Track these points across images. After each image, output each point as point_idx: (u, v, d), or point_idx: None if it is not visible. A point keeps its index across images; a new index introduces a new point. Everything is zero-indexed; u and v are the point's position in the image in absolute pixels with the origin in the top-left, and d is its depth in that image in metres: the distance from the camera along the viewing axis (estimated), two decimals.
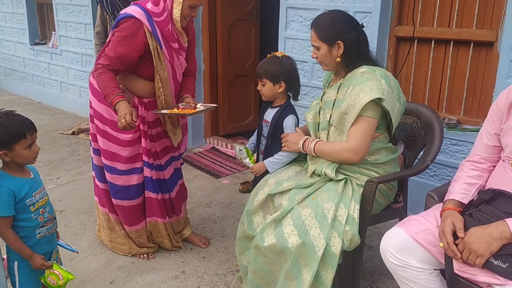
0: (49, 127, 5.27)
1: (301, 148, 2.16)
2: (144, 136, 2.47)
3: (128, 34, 2.26)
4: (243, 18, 4.61)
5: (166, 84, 2.39)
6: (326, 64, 2.11)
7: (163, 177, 2.62)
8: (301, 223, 1.93)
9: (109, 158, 2.50)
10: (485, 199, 1.63)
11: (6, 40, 6.87)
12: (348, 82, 2.05)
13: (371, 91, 1.93)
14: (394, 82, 2.07)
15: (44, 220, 1.91)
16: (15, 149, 1.80)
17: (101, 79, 2.26)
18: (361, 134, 1.98)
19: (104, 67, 2.27)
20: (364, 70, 2.02)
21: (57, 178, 3.89)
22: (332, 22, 2.05)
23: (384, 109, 2.00)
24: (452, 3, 2.88)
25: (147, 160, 2.51)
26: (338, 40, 2.02)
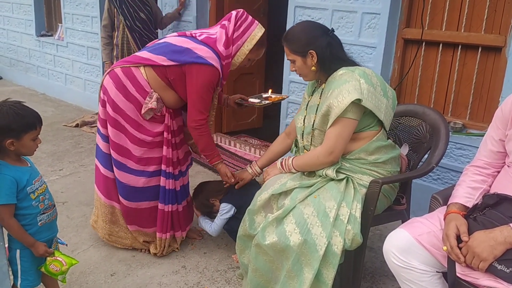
0: (52, 119, 5.28)
1: (280, 168, 2.23)
2: (167, 145, 2.49)
3: (210, 83, 2.36)
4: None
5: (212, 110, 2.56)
6: (305, 75, 2.15)
7: (174, 187, 2.60)
8: (303, 222, 1.93)
9: (120, 153, 2.48)
10: (490, 204, 1.62)
11: (12, 31, 6.88)
12: (328, 85, 2.08)
13: (349, 93, 1.94)
14: (376, 78, 2.07)
15: (45, 207, 1.92)
16: (23, 139, 1.81)
17: (204, 138, 2.45)
18: (335, 135, 2.00)
19: (205, 124, 2.42)
20: (342, 72, 2.04)
21: (60, 169, 3.90)
22: (301, 34, 2.09)
23: (366, 108, 2.00)
24: (462, 7, 2.87)
25: (165, 168, 2.52)
26: (310, 50, 2.05)
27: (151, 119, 2.45)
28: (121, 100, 2.42)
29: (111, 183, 2.60)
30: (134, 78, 2.40)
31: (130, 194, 2.54)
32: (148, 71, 2.40)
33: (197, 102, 2.37)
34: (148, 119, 2.44)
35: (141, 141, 2.46)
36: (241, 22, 2.45)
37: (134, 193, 2.54)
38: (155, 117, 2.45)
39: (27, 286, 1.96)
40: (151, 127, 2.46)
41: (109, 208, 2.65)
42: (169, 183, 2.55)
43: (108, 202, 2.64)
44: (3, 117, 1.77)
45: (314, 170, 2.13)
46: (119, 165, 2.50)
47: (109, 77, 2.45)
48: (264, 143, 4.59)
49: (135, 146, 2.46)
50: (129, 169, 2.50)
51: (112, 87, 2.43)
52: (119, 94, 2.42)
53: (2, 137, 1.79)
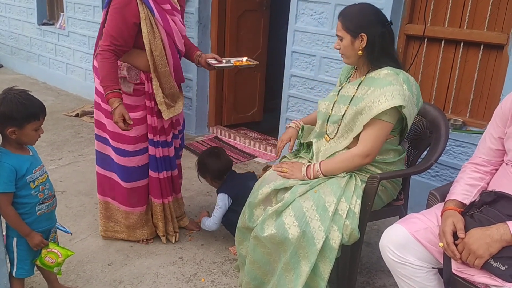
0: (53, 108, 5.27)
1: (304, 175, 2.10)
2: (150, 113, 2.43)
3: (119, 5, 2.21)
4: (253, 9, 4.58)
5: (161, 53, 2.32)
6: (348, 56, 2.07)
7: (168, 154, 2.58)
8: (302, 215, 1.93)
9: (117, 139, 2.48)
10: (487, 201, 1.63)
11: (13, 19, 6.85)
12: (370, 81, 2.02)
13: (393, 98, 1.91)
14: (415, 87, 2.05)
15: (44, 197, 1.92)
16: (26, 128, 1.81)
17: (103, 67, 2.22)
18: (373, 137, 1.97)
19: (107, 51, 2.21)
20: (387, 72, 1.98)
21: (59, 159, 3.90)
22: (359, 14, 2.02)
23: (402, 114, 1.99)
24: (465, 4, 2.86)
25: (152, 137, 2.47)
26: (362, 32, 1.98)
27: (136, 92, 2.39)
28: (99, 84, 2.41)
29: (103, 179, 2.63)
30: None
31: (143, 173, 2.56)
32: None
33: (105, 29, 2.25)
34: (132, 92, 2.37)
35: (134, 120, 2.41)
36: None
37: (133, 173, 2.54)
38: (136, 88, 2.38)
39: (21, 275, 1.96)
40: (138, 101, 2.42)
41: (103, 204, 2.67)
42: (159, 151, 2.50)
43: (101, 198, 2.67)
44: (7, 105, 1.76)
45: None
46: (119, 152, 2.50)
47: (94, 71, 2.47)
48: (263, 137, 4.59)
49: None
50: (129, 153, 2.49)
51: (96, 80, 2.44)
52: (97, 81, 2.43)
53: (4, 125, 1.79)
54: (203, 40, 4.41)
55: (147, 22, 2.25)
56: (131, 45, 2.30)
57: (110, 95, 2.20)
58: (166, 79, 2.40)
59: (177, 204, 2.78)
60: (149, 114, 2.43)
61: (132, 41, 2.28)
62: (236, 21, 4.48)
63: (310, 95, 3.60)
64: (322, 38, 3.43)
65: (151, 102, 2.41)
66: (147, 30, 2.26)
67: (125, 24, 2.22)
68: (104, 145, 2.57)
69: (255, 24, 4.66)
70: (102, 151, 2.59)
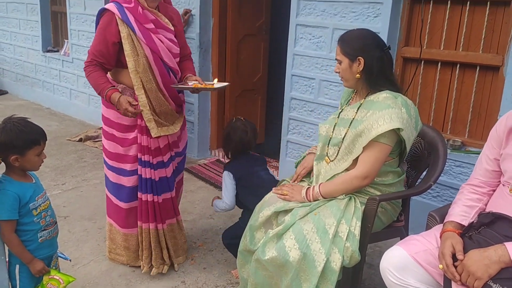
0: (56, 133, 5.33)
1: (304, 197, 2.13)
2: (141, 131, 2.45)
3: (102, 25, 2.34)
4: (253, 33, 4.67)
5: (145, 70, 2.36)
6: (346, 79, 2.12)
7: (165, 175, 2.57)
8: (302, 237, 1.94)
9: (116, 159, 2.53)
10: (485, 222, 1.64)
11: (19, 46, 6.99)
12: (369, 104, 2.06)
13: (391, 120, 1.94)
14: (414, 110, 2.10)
15: (46, 224, 1.94)
16: (27, 155, 1.85)
17: (91, 78, 2.35)
18: (372, 160, 2.00)
19: (90, 65, 2.35)
20: (386, 96, 2.03)
21: (63, 184, 3.93)
22: (357, 38, 2.08)
23: (400, 137, 2.02)
24: (460, 27, 2.92)
25: (140, 156, 2.47)
26: (359, 56, 2.03)
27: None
28: (105, 110, 2.52)
29: (109, 203, 2.67)
30: None
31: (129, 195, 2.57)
32: None
33: (91, 47, 2.37)
34: None
35: (132, 139, 2.47)
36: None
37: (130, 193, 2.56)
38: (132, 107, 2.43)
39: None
40: (134, 121, 2.46)
41: (108, 225, 2.71)
42: (146, 172, 2.49)
43: (107, 219, 2.71)
44: (7, 134, 1.81)
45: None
46: (118, 171, 2.55)
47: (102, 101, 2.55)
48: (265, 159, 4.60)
49: (127, 148, 2.50)
50: (127, 172, 2.53)
51: (102, 104, 2.54)
52: (103, 107, 2.53)
53: (7, 154, 1.82)
54: (204, 64, 4.49)
55: (129, 40, 2.33)
56: (113, 63, 2.39)
57: (109, 93, 2.30)
58: (154, 96, 2.42)
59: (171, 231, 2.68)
60: (139, 132, 2.46)
61: (113, 59, 2.38)
62: (237, 45, 4.56)
63: (310, 118, 3.64)
64: (321, 61, 3.49)
65: (142, 121, 2.44)
66: (129, 48, 2.34)
67: (105, 43, 2.33)
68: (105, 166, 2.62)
69: (255, 48, 4.74)
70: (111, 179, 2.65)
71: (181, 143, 2.74)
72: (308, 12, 3.50)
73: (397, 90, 2.10)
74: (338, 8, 3.32)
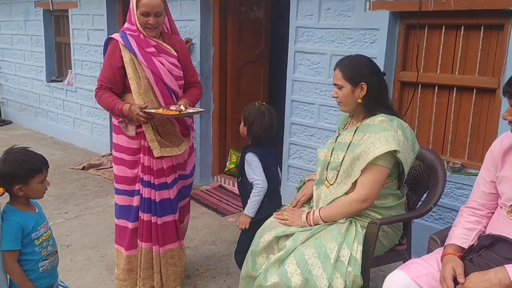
0: (60, 162, 5.37)
1: (305, 221, 2.14)
2: (143, 152, 2.51)
3: (108, 53, 2.50)
4: (253, 60, 4.76)
5: (146, 91, 2.45)
6: (346, 104, 2.15)
7: (169, 196, 2.59)
8: (304, 262, 1.94)
9: (126, 182, 2.58)
10: (485, 245, 1.65)
11: (23, 77, 7.11)
12: (365, 128, 2.10)
13: (387, 142, 1.98)
14: (410, 133, 2.13)
15: (47, 253, 1.95)
16: (31, 183, 1.87)
17: (101, 100, 2.48)
18: (371, 182, 2.03)
19: (99, 90, 2.49)
20: (382, 119, 2.07)
21: (66, 212, 3.94)
22: (358, 64, 2.13)
23: (397, 159, 2.05)
24: (455, 51, 2.97)
25: (142, 176, 2.52)
26: (362, 82, 2.08)
27: (138, 135, 2.50)
28: (115, 137, 2.60)
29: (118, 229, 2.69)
30: None
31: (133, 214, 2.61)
32: None
33: (99, 74, 2.53)
34: (135, 135, 2.50)
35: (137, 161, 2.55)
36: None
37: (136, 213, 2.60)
38: (138, 131, 2.50)
39: None
40: (139, 144, 2.53)
41: (116, 252, 2.73)
42: (145, 192, 2.53)
43: (116, 246, 2.73)
44: (9, 165, 1.84)
45: None
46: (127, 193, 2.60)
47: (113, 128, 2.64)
48: None
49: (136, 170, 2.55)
50: (132, 192, 2.58)
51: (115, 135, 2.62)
52: (114, 134, 2.62)
53: (10, 184, 1.85)
54: (206, 92, 4.55)
55: (131, 64, 2.45)
56: (120, 87, 2.51)
57: (120, 106, 2.42)
58: (158, 117, 2.45)
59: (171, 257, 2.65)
60: (142, 153, 2.52)
61: (120, 83, 2.50)
62: (237, 72, 4.64)
63: (311, 142, 3.67)
64: (320, 86, 3.54)
65: (145, 141, 2.50)
66: (131, 71, 2.45)
67: (111, 69, 2.47)
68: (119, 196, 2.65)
69: (255, 75, 4.82)
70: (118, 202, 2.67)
71: (188, 166, 2.75)
72: (306, 39, 3.57)
73: (393, 113, 2.14)
74: (335, 35, 3.39)
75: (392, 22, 3.11)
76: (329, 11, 3.40)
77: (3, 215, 1.85)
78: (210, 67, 4.54)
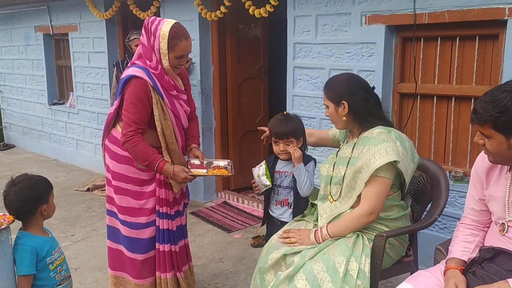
0: (64, 184, 5.40)
1: (313, 240, 2.15)
2: (159, 185, 2.54)
3: (139, 93, 2.39)
4: (252, 77, 4.82)
5: (171, 133, 2.50)
6: (336, 122, 2.24)
7: (181, 223, 2.65)
8: (313, 278, 1.96)
9: (129, 213, 2.57)
10: (487, 257, 1.67)
11: (25, 101, 7.18)
12: (364, 141, 2.14)
13: (387, 154, 2.02)
14: (408, 143, 2.17)
15: (61, 278, 1.98)
16: (49, 200, 1.97)
17: (137, 149, 2.37)
18: (375, 195, 2.06)
19: (135, 135, 2.37)
20: (380, 131, 2.11)
21: (72, 235, 3.96)
22: (340, 84, 2.20)
23: (398, 170, 2.08)
24: (451, 62, 3.02)
25: (158, 208, 2.56)
26: (343, 100, 2.15)
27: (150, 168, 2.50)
28: (117, 166, 2.55)
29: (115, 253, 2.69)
30: (116, 140, 2.53)
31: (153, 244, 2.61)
32: (121, 124, 2.49)
33: (124, 116, 2.40)
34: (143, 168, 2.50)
35: (149, 192, 2.54)
36: (149, 27, 2.41)
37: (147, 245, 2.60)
38: None
39: None
40: (151, 175, 2.54)
41: (113, 279, 2.72)
42: (164, 223, 2.56)
43: (113, 272, 2.72)
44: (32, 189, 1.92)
45: None
46: (132, 225, 2.57)
47: (106, 151, 2.62)
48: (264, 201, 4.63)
49: (144, 201, 2.55)
50: (143, 225, 2.57)
51: (108, 159, 2.59)
52: (113, 162, 2.56)
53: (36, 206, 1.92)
54: (207, 109, 4.61)
55: (158, 106, 2.45)
56: (148, 126, 2.47)
57: (161, 165, 2.39)
58: (177, 156, 2.55)
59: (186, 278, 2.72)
60: (158, 186, 2.54)
61: (148, 124, 2.47)
62: (237, 89, 4.70)
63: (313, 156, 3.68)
64: (320, 101, 3.58)
65: (160, 175, 2.52)
66: (158, 113, 2.45)
67: (146, 110, 2.42)
68: (116, 220, 2.65)
69: (255, 91, 4.87)
70: (113, 225, 2.67)
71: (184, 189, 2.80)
72: (304, 55, 3.63)
73: (389, 125, 2.20)
74: (333, 49, 3.45)
75: (389, 35, 3.17)
76: (326, 27, 3.47)
77: (18, 241, 1.89)
78: (210, 85, 4.60)
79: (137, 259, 2.60)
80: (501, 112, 1.50)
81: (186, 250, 2.75)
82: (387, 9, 3.11)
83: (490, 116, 1.52)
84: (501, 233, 1.67)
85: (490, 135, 1.57)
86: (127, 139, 2.37)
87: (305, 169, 2.39)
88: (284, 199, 2.50)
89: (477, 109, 1.57)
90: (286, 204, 2.50)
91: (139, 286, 2.65)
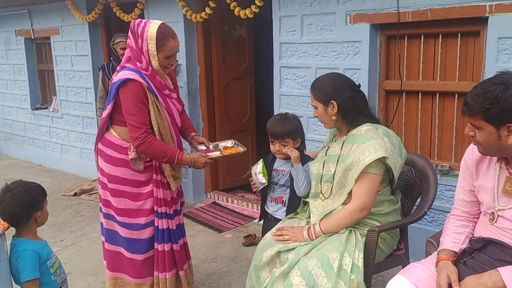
0: (50, 190, 5.32)
1: (306, 236, 2.18)
2: (157, 185, 2.56)
3: (137, 96, 2.40)
4: (239, 77, 4.84)
5: (167, 132, 2.54)
6: (325, 122, 2.27)
7: (179, 222, 2.68)
8: (308, 274, 1.99)
9: (128, 215, 2.58)
10: (477, 248, 1.72)
11: (7, 106, 7.06)
12: (352, 139, 2.18)
13: (376, 150, 2.06)
14: (396, 139, 2.22)
15: (61, 281, 1.99)
16: (44, 206, 1.98)
17: (154, 148, 2.40)
18: (365, 191, 2.10)
19: (147, 136, 2.39)
20: (368, 128, 2.16)
21: (61, 240, 3.92)
22: (327, 84, 2.23)
23: (387, 166, 2.13)
24: (435, 58, 3.09)
25: (157, 209, 2.58)
26: (332, 100, 2.18)
27: (146, 169, 2.54)
28: (113, 169, 2.55)
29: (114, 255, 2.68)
30: (111, 143, 2.54)
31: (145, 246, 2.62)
32: (116, 128, 2.54)
33: (130, 120, 2.41)
34: (143, 169, 2.53)
35: (147, 193, 2.56)
36: (136, 29, 2.42)
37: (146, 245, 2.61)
38: (146, 165, 2.54)
39: None
40: (148, 176, 2.56)
41: (112, 280, 2.72)
42: (163, 223, 2.59)
43: (112, 274, 2.72)
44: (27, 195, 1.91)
45: None
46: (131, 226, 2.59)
47: (99, 155, 2.62)
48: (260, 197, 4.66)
49: (142, 202, 2.56)
50: (142, 226, 2.58)
51: (102, 162, 2.59)
52: (108, 165, 2.56)
53: (31, 212, 1.92)
54: (194, 110, 4.61)
55: (154, 106, 2.47)
56: None
57: (180, 156, 2.45)
58: None
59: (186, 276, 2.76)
60: (155, 186, 2.57)
61: None
62: (224, 90, 4.72)
63: None
64: (306, 99, 3.62)
65: (157, 175, 2.56)
66: (154, 113, 2.47)
67: (145, 112, 2.44)
68: (113, 223, 2.65)
69: (242, 91, 4.90)
70: (111, 228, 2.67)
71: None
72: (290, 54, 3.67)
73: (376, 122, 2.24)
74: (319, 48, 3.49)
75: (373, 34, 3.22)
76: (311, 26, 3.51)
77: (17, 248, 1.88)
78: (197, 87, 4.61)
79: (137, 259, 2.61)
80: (491, 103, 1.55)
81: (185, 248, 2.78)
82: (371, 8, 3.16)
83: (481, 107, 1.57)
84: (490, 222, 1.72)
85: (480, 126, 1.61)
86: (141, 142, 2.38)
87: (303, 169, 2.41)
88: (279, 197, 2.53)
89: (468, 101, 1.62)
90: (280, 202, 2.53)
91: (139, 286, 2.66)
